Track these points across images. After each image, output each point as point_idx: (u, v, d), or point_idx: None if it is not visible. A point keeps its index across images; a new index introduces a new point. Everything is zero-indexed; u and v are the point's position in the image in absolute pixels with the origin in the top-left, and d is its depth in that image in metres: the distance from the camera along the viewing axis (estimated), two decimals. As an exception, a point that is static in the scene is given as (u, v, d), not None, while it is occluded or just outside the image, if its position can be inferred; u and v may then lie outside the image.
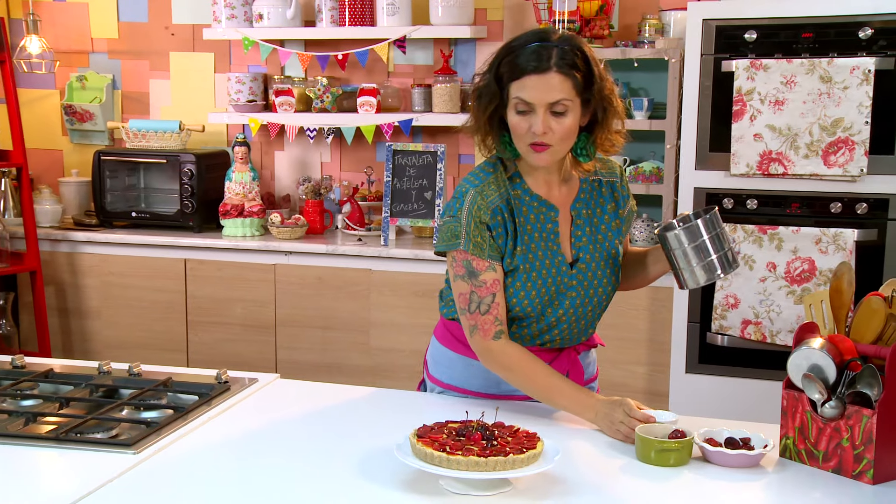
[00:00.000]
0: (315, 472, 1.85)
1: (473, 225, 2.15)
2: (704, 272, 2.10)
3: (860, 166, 3.42)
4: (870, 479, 1.84)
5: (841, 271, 1.99)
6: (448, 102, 4.34)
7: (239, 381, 2.36)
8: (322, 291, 4.23)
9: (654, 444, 1.92)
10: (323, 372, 4.21)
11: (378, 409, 2.23)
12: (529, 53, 2.06)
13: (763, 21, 3.52)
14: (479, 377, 2.30)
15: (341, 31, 4.43)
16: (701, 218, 2.09)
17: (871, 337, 1.91)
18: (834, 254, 3.45)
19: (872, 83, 3.38)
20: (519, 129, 2.09)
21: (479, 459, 1.69)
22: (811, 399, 1.92)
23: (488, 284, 2.15)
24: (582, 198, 2.24)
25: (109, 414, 2.09)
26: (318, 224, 4.50)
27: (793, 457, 1.96)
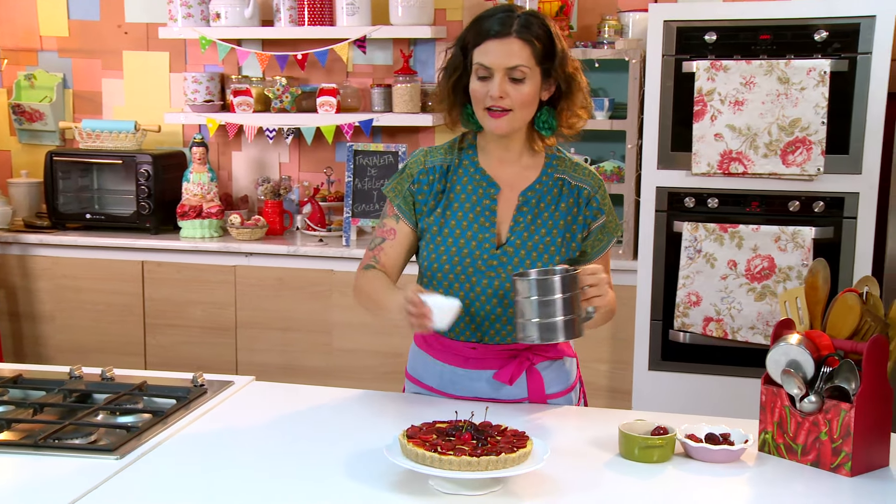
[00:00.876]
0: (303, 475, 1.85)
1: (404, 175, 2.27)
2: (542, 331, 2.00)
3: (817, 166, 3.49)
4: (848, 471, 1.88)
5: (816, 269, 2.04)
6: (409, 102, 4.34)
7: (215, 383, 2.34)
8: (283, 293, 4.20)
9: (637, 441, 1.94)
10: (284, 373, 4.19)
11: (359, 411, 2.23)
12: (492, 19, 2.11)
13: (722, 23, 3.58)
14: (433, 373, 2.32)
15: (300, 31, 4.40)
16: (559, 275, 2.01)
17: (846, 332, 1.95)
18: (793, 251, 3.52)
19: (828, 84, 3.46)
20: (478, 94, 2.12)
21: (471, 459, 1.70)
22: (790, 394, 1.95)
23: (385, 229, 2.27)
24: (537, 188, 2.23)
25: (87, 419, 2.06)
26: (278, 225, 4.47)
27: (771, 451, 2.00)
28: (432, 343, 2.30)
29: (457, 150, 2.27)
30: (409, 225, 2.26)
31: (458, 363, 2.27)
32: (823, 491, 1.83)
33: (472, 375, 2.26)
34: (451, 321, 2.02)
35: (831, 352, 1.95)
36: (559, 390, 2.30)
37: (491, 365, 2.24)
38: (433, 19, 4.36)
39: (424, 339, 2.32)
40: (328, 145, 4.60)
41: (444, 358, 2.29)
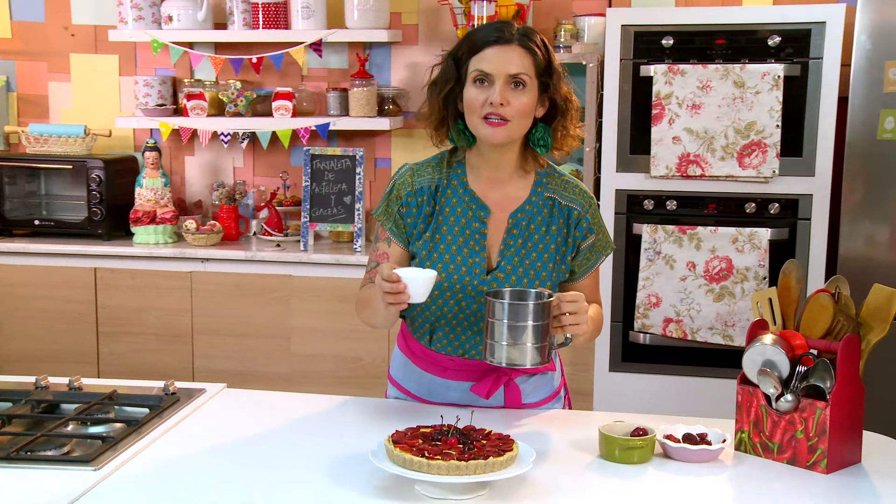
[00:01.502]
0: (285, 482, 1.83)
1: (392, 197, 2.21)
2: (509, 355, 1.98)
3: (772, 168, 3.56)
4: (823, 468, 1.92)
5: (789, 269, 2.07)
6: (365, 106, 4.33)
7: (186, 391, 2.30)
8: (241, 298, 4.16)
9: (618, 443, 1.96)
10: (243, 380, 4.15)
11: (337, 417, 2.21)
12: (490, 28, 2.08)
13: (678, 28, 3.63)
14: (412, 379, 2.32)
15: (254, 35, 4.36)
16: (533, 303, 1.98)
17: (819, 332, 1.99)
18: (750, 252, 3.58)
19: (782, 88, 3.52)
20: (475, 101, 2.06)
21: (459, 463, 1.70)
22: (766, 393, 1.99)
23: (378, 253, 2.24)
24: (527, 209, 2.18)
25: (58, 430, 2.02)
26: (233, 230, 4.43)
27: (748, 450, 2.03)
28: (414, 350, 2.29)
29: (444, 169, 2.20)
30: (402, 246, 2.21)
31: (436, 372, 2.27)
32: (801, 488, 1.87)
33: (451, 385, 2.26)
34: (428, 292, 2.00)
35: (805, 351, 1.98)
36: (541, 399, 2.31)
37: (469, 377, 2.24)
38: (389, 23, 4.35)
39: (407, 345, 2.31)
40: (283, 150, 4.57)
41: (424, 366, 2.28)
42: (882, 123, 3.57)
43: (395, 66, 4.51)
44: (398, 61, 4.51)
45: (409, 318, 2.27)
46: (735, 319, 3.61)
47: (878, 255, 3.61)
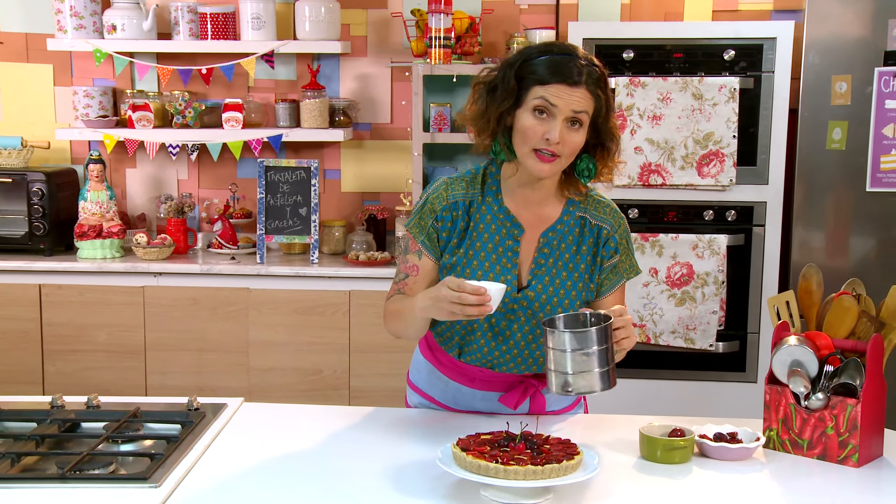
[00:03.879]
0: (353, 492, 1.83)
1: (426, 209, 2.20)
2: (578, 383, 1.94)
3: (730, 177, 3.70)
4: (855, 462, 2.03)
5: (809, 274, 2.18)
6: (317, 118, 4.31)
7: (208, 406, 2.27)
8: (196, 313, 4.09)
9: (661, 444, 2.02)
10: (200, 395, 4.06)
11: (371, 427, 2.21)
12: (560, 63, 2.04)
13: (638, 41, 3.75)
14: (437, 386, 2.33)
15: (202, 45, 4.30)
16: (597, 327, 1.94)
17: (844, 333, 2.10)
18: (709, 258, 3.71)
19: (738, 100, 3.68)
20: (532, 131, 2.04)
21: (536, 468, 1.73)
22: (795, 392, 2.08)
23: (408, 265, 2.22)
24: (558, 229, 2.19)
25: (102, 448, 1.97)
26: (183, 243, 4.35)
27: (777, 447, 2.12)
28: (441, 360, 2.29)
29: (479, 185, 2.19)
30: (433, 259, 2.20)
31: (464, 382, 2.28)
32: (838, 482, 1.96)
33: (477, 395, 2.29)
34: (499, 303, 1.99)
35: (832, 351, 2.08)
36: (564, 407, 2.36)
37: (497, 388, 2.26)
38: (340, 34, 4.35)
39: (433, 355, 2.31)
40: (229, 162, 4.51)
41: (451, 375, 2.29)
42: (830, 134, 3.76)
43: (343, 77, 4.51)
44: (347, 73, 4.51)
45: (437, 331, 2.27)
46: (696, 323, 3.74)
47: (828, 259, 3.80)
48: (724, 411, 3.74)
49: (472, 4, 4.35)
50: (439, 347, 2.29)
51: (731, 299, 3.80)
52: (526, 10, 4.38)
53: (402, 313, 2.18)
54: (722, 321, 3.78)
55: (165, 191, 4.61)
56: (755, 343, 3.83)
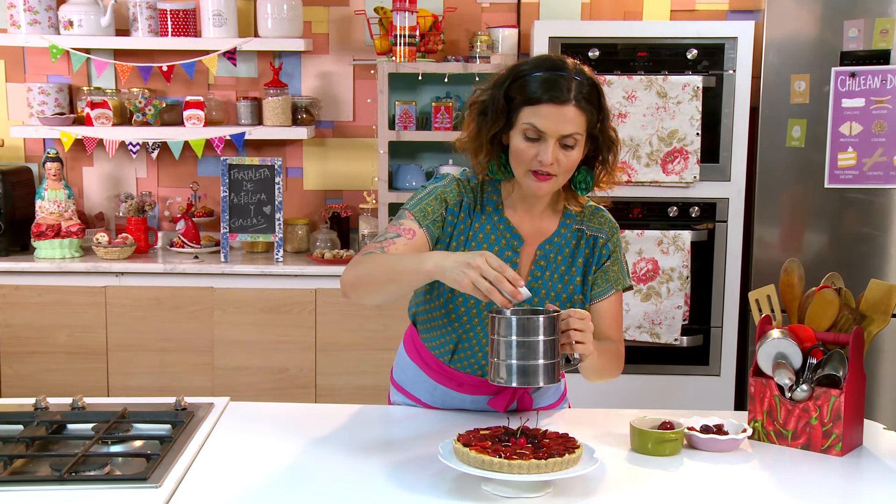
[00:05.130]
0: (355, 488, 1.83)
1: (433, 198, 2.14)
2: (519, 374, 1.89)
3: (693, 174, 3.77)
4: (838, 451, 2.08)
5: (791, 268, 2.23)
6: (280, 115, 4.29)
7: (196, 406, 2.25)
8: (159, 312, 4.04)
9: (652, 436, 2.06)
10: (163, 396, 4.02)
11: (364, 425, 2.22)
12: (547, 81, 2.00)
13: (603, 40, 3.80)
14: (424, 388, 2.33)
15: (163, 42, 4.25)
16: (544, 315, 1.89)
17: (826, 325, 2.15)
18: (674, 254, 3.77)
19: (701, 99, 3.74)
20: (524, 155, 2.03)
21: (540, 462, 1.75)
22: (779, 384, 2.13)
23: (404, 228, 2.10)
24: (555, 241, 2.18)
25: (95, 449, 1.95)
26: (144, 243, 4.29)
27: (762, 438, 2.17)
28: (429, 363, 2.28)
29: (479, 193, 2.17)
30: (430, 240, 2.13)
31: (452, 386, 2.28)
32: (824, 470, 2.01)
33: (466, 399, 2.29)
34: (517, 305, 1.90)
35: (814, 343, 2.14)
36: (550, 404, 2.37)
37: (485, 391, 2.26)
38: (303, 32, 4.33)
39: (420, 357, 2.30)
40: (189, 160, 4.47)
41: (439, 378, 2.28)
42: (790, 132, 3.84)
43: (305, 75, 4.49)
44: (309, 70, 4.49)
45: (429, 335, 2.26)
46: (661, 318, 3.80)
47: (788, 254, 3.88)
48: (688, 404, 3.82)
49: (434, 3, 4.36)
50: (428, 352, 2.28)
51: (695, 294, 3.87)
52: (488, 9, 4.41)
53: (388, 268, 1.99)
54: (686, 316, 3.84)
55: (124, 189, 4.55)
56: (718, 337, 3.91)
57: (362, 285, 2.04)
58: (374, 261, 2.02)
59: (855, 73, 3.81)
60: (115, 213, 4.49)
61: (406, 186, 4.21)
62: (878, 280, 2.17)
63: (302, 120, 4.38)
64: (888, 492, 1.94)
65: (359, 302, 2.09)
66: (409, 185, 4.21)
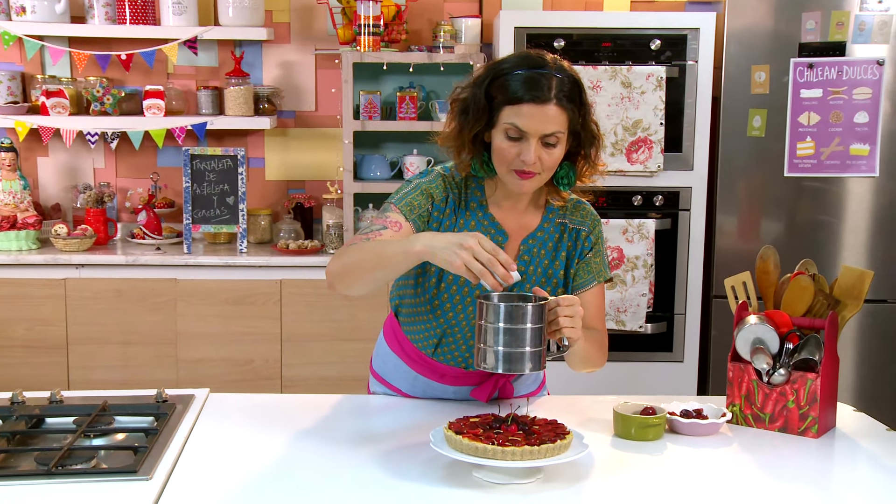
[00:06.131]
0: (347, 477, 1.83)
1: (419, 193, 2.12)
2: (505, 361, 1.88)
3: (658, 163, 3.81)
4: (814, 433, 2.13)
5: (767, 255, 2.27)
6: (242, 105, 4.25)
7: (177, 398, 2.23)
8: (121, 305, 3.99)
9: (636, 421, 2.09)
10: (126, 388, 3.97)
11: (347, 414, 2.22)
12: (528, 80, 1.99)
13: (568, 30, 3.83)
14: (406, 380, 2.34)
15: (121, 30, 4.19)
16: (532, 304, 1.89)
17: (801, 311, 2.20)
18: (638, 242, 3.82)
19: (664, 89, 3.78)
20: (507, 154, 2.03)
21: (532, 448, 1.76)
22: (757, 369, 2.17)
23: (390, 220, 2.09)
24: (538, 236, 2.19)
25: (80, 443, 1.92)
26: (104, 234, 4.23)
27: (740, 422, 2.21)
28: (411, 355, 2.28)
29: (463, 189, 2.17)
30: (416, 233, 2.09)
31: (434, 378, 2.28)
32: (802, 452, 2.06)
33: (448, 390, 2.30)
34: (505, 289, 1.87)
35: (791, 329, 2.18)
36: (530, 392, 2.39)
37: (467, 382, 2.27)
38: (264, 21, 4.30)
39: (402, 349, 2.30)
40: (149, 150, 4.42)
41: (420, 370, 2.29)
42: (751, 122, 3.90)
43: (266, 64, 4.46)
44: (270, 60, 4.46)
45: (413, 329, 2.26)
46: (626, 305, 3.84)
47: (748, 241, 3.95)
48: (653, 389, 3.87)
49: (397, -8, 4.35)
50: (410, 344, 2.28)
51: (659, 282, 3.92)
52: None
53: (376, 253, 1.97)
54: (651, 303, 3.89)
55: (81, 180, 4.48)
56: (682, 324, 3.96)
57: (349, 273, 2.02)
58: (361, 248, 2.01)
59: (813, 65, 3.88)
60: (73, 205, 4.42)
61: (371, 177, 4.20)
62: (850, 266, 2.22)
63: (264, 110, 4.35)
64: (863, 471, 2.00)
65: (345, 292, 2.07)
66: (374, 175, 4.20)
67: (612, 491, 1.82)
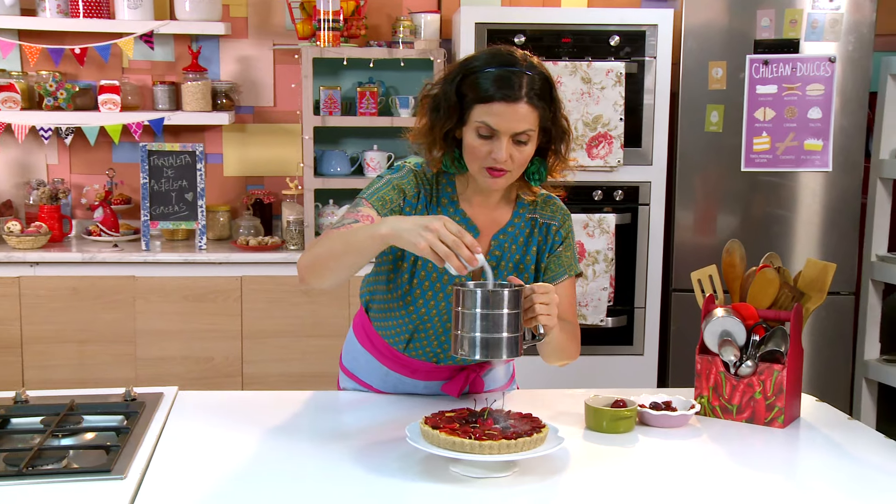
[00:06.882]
0: (324, 475, 1.82)
1: (391, 188, 2.11)
2: (482, 347, 1.89)
3: (617, 158, 3.85)
4: (780, 423, 2.17)
5: (732, 248, 2.30)
6: (200, 100, 4.21)
7: (146, 397, 2.21)
8: (77, 303, 3.94)
9: (607, 414, 2.11)
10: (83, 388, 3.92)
11: (320, 410, 2.21)
12: (499, 79, 1.98)
13: (529, 26, 3.84)
14: (377, 375, 2.33)
15: (75, 24, 4.13)
16: (508, 289, 1.90)
17: (767, 303, 2.24)
18: (599, 237, 3.85)
19: (624, 84, 3.82)
20: (478, 152, 2.03)
21: (509, 442, 1.77)
22: (725, 361, 2.20)
23: (362, 214, 2.06)
24: (509, 231, 2.19)
25: (49, 443, 1.90)
26: (58, 231, 4.17)
27: (708, 413, 2.24)
28: (382, 350, 2.28)
29: (435, 185, 2.16)
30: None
31: (405, 373, 2.28)
32: (770, 442, 2.10)
33: (419, 385, 2.30)
34: (469, 273, 1.86)
35: (757, 321, 2.22)
36: (500, 386, 2.40)
37: (438, 377, 2.28)
38: (221, 15, 4.26)
39: (372, 344, 2.29)
40: (105, 146, 4.36)
41: (393, 366, 2.29)
42: (708, 117, 3.96)
43: (224, 59, 4.42)
44: (227, 55, 4.42)
45: (384, 325, 2.26)
46: (588, 300, 3.87)
47: (706, 235, 4.00)
48: (613, 382, 3.91)
49: (356, -13, 4.34)
50: (382, 339, 2.28)
51: (619, 276, 3.95)
52: (409, -6, 4.41)
53: (344, 241, 1.96)
54: (611, 297, 3.93)
55: (34, 176, 4.40)
56: (642, 317, 4.00)
57: (319, 263, 2.01)
58: (329, 238, 2.01)
59: (768, 61, 3.94)
60: (25, 201, 4.35)
61: (331, 172, 4.18)
62: (814, 259, 2.26)
63: (222, 105, 4.31)
64: (828, 459, 2.03)
65: (316, 284, 2.06)
66: (335, 170, 4.18)
67: (588, 483, 1.83)
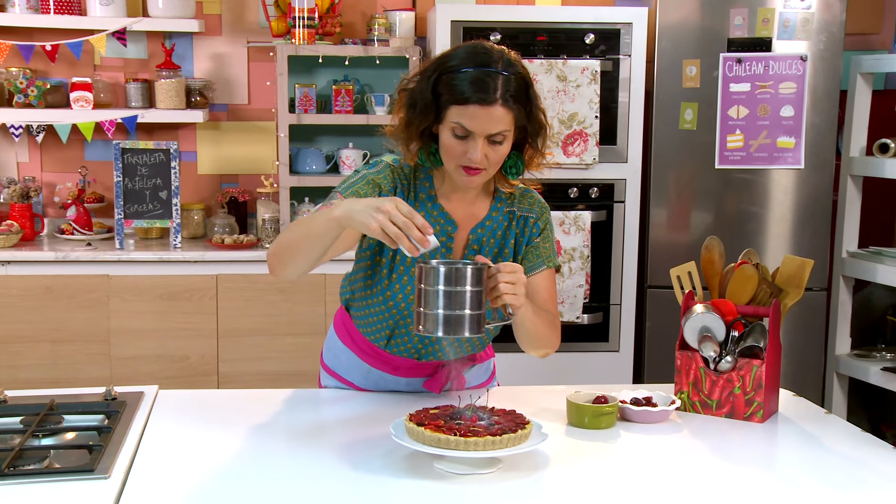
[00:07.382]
0: (309, 472, 1.82)
1: (366, 182, 2.10)
2: (445, 324, 1.89)
3: (593, 155, 3.87)
4: (759, 418, 2.19)
5: (712, 245, 2.32)
6: (174, 98, 4.19)
7: (127, 396, 2.20)
8: (50, 302, 3.90)
9: (589, 410, 2.12)
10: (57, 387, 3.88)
11: (301, 408, 2.21)
12: (474, 81, 1.97)
13: (504, 24, 3.85)
14: (358, 372, 2.34)
15: (45, 20, 4.09)
16: (472, 266, 1.91)
17: (745, 299, 2.26)
18: (575, 234, 3.87)
19: (599, 82, 3.84)
20: (454, 151, 2.03)
21: (494, 439, 1.78)
22: (705, 357, 2.22)
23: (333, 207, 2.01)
24: (487, 225, 2.19)
25: (30, 443, 1.88)
26: (30, 230, 4.13)
27: (688, 408, 2.26)
28: (363, 347, 2.28)
29: (412, 180, 2.17)
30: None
31: (387, 370, 2.29)
32: (749, 436, 2.12)
33: (401, 382, 2.30)
34: (424, 254, 1.87)
35: (736, 317, 2.24)
36: (481, 383, 2.41)
37: (420, 374, 2.29)
38: (195, 12, 4.23)
39: (353, 342, 2.29)
40: (76, 144, 4.32)
41: (374, 363, 2.29)
42: (682, 115, 3.98)
43: (198, 56, 4.39)
44: (201, 52, 4.39)
45: (365, 322, 2.26)
46: (564, 297, 3.89)
47: (680, 232, 4.03)
48: (590, 379, 3.92)
49: (331, -16, 4.33)
50: (362, 337, 2.28)
51: (595, 273, 3.97)
52: (384, -9, 4.40)
53: (304, 227, 1.97)
54: (587, 294, 3.95)
55: (4, 174, 4.36)
56: (617, 314, 4.03)
57: (283, 251, 2.02)
58: (291, 227, 2.03)
59: (741, 59, 3.97)
60: (-2, 200, 4.30)
61: (306, 170, 4.17)
62: (791, 255, 2.29)
63: (196, 103, 4.29)
64: (807, 452, 2.06)
65: (283, 274, 2.05)
66: (310, 168, 4.17)
67: (571, 478, 1.85)
